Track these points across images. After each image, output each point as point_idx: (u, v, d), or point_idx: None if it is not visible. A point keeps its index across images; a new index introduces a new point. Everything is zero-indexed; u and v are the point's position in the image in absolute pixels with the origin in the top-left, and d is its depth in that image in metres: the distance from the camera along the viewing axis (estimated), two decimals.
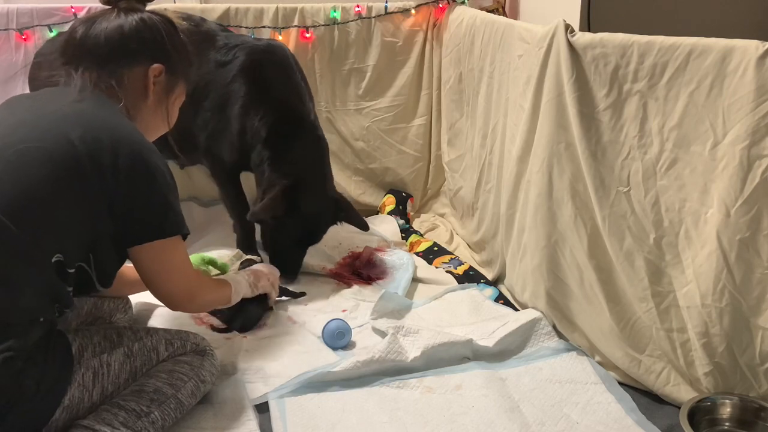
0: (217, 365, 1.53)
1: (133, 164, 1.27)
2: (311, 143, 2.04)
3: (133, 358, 1.37)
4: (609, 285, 1.60)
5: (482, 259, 2.27)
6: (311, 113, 2.08)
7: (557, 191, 1.67)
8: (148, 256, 1.36)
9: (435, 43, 2.62)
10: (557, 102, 1.61)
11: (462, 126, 2.46)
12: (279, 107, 2.01)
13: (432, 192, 2.80)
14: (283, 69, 2.08)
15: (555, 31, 1.58)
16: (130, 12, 1.38)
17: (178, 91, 1.49)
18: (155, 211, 1.32)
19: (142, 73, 1.39)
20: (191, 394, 1.42)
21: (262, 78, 2.03)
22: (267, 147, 1.99)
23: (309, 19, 2.54)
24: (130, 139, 1.29)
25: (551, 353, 1.71)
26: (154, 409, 1.33)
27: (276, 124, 1.99)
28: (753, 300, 1.35)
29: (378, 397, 1.55)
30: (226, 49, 2.06)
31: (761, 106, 1.26)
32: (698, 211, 1.40)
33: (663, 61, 1.40)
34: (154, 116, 1.45)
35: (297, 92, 2.07)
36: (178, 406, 1.38)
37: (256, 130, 1.99)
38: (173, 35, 1.44)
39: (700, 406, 1.42)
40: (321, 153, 2.06)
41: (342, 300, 2.01)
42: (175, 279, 1.42)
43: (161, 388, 1.36)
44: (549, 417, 1.48)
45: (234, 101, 2.02)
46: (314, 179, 2.02)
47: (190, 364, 1.44)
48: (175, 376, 1.40)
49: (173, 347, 1.44)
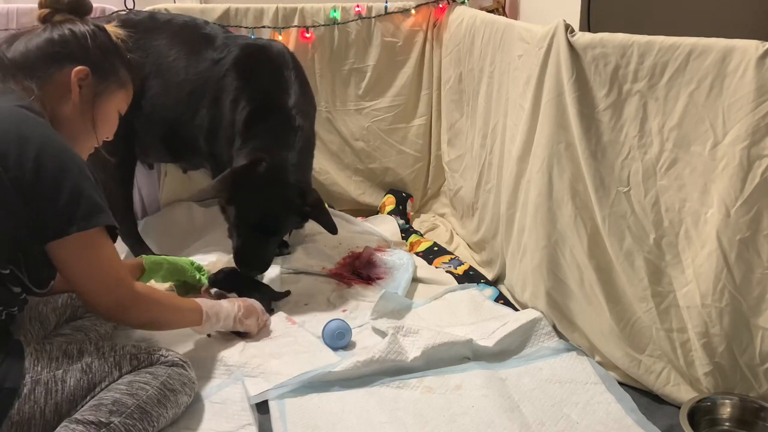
0: (191, 375, 1.45)
1: (40, 153, 1.21)
2: (283, 130, 1.94)
3: (92, 374, 1.31)
4: (609, 285, 1.60)
5: (482, 259, 2.27)
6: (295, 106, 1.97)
7: (557, 191, 1.67)
8: (66, 255, 1.27)
9: (435, 43, 2.63)
10: (557, 102, 1.61)
11: (462, 126, 2.46)
12: (259, 97, 1.97)
13: (432, 192, 2.80)
14: (275, 64, 2.04)
15: (555, 31, 1.58)
16: (61, 24, 1.40)
17: (112, 96, 1.45)
18: (66, 200, 1.23)
19: (65, 75, 1.37)
20: (158, 403, 1.34)
21: (251, 71, 2.01)
22: (240, 135, 1.94)
23: (309, 19, 2.54)
24: (38, 131, 1.25)
25: (551, 353, 1.71)
26: (114, 418, 1.26)
27: (252, 113, 1.94)
28: (753, 300, 1.35)
29: (378, 397, 1.55)
30: (224, 46, 2.06)
31: (761, 106, 1.26)
32: (698, 211, 1.40)
33: (663, 61, 1.40)
34: (81, 120, 1.41)
35: (283, 86, 2.00)
36: (144, 415, 1.30)
37: (236, 120, 1.96)
38: (104, 40, 1.43)
39: (700, 406, 1.42)
40: (291, 141, 1.94)
41: (342, 300, 2.01)
42: (100, 282, 1.32)
43: (120, 399, 1.29)
44: (549, 417, 1.48)
45: (226, 95, 2.00)
46: (274, 165, 1.87)
47: (153, 374, 1.37)
48: (134, 386, 1.33)
49: (138, 361, 1.38)
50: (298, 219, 1.96)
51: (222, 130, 2.02)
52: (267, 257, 1.97)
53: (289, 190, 1.89)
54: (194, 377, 1.47)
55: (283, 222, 1.95)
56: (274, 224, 1.92)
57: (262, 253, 1.95)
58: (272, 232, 1.93)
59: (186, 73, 2.05)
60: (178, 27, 2.12)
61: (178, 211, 2.56)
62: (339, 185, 2.72)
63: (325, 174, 2.69)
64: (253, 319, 1.75)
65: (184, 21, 2.16)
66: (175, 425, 1.41)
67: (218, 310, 1.64)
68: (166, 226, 2.49)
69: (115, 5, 2.42)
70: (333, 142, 2.70)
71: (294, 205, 1.90)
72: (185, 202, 2.60)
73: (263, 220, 1.89)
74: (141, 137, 2.16)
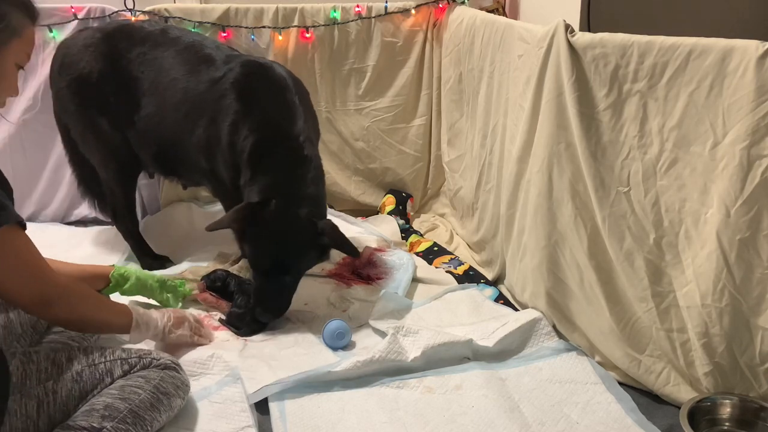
0: (184, 378, 1.44)
1: None
2: (293, 163, 1.86)
3: (83, 383, 1.29)
4: (609, 285, 1.60)
5: (482, 259, 2.27)
6: (301, 134, 1.89)
7: (557, 191, 1.67)
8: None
9: (435, 43, 2.63)
10: (557, 102, 1.61)
11: (462, 126, 2.46)
12: (263, 126, 1.88)
13: (432, 192, 2.80)
14: (277, 88, 1.96)
15: (555, 31, 1.58)
16: None
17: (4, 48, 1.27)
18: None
19: None
20: (151, 407, 1.32)
21: (251, 94, 1.92)
22: (249, 166, 1.87)
23: (309, 19, 2.54)
24: None
25: (551, 353, 1.71)
26: (106, 423, 1.23)
27: (258, 143, 1.86)
28: (753, 300, 1.35)
29: (378, 397, 1.55)
30: (223, 65, 1.99)
31: (761, 106, 1.26)
32: (698, 211, 1.40)
33: (663, 61, 1.40)
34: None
35: (288, 112, 1.92)
36: (137, 420, 1.28)
37: (240, 149, 1.88)
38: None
39: (700, 406, 1.42)
40: (301, 173, 1.86)
41: (342, 300, 2.01)
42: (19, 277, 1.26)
43: (112, 403, 1.27)
44: (549, 417, 1.48)
45: (224, 116, 1.92)
46: (285, 199, 1.80)
47: (145, 378, 1.35)
48: (127, 390, 1.31)
49: (129, 365, 1.36)
50: (316, 254, 1.86)
51: (219, 152, 1.96)
52: (284, 300, 1.85)
53: (300, 226, 1.80)
54: (187, 380, 1.46)
55: (299, 261, 1.84)
56: (289, 264, 1.82)
57: (279, 296, 1.84)
58: (288, 272, 1.83)
59: (184, 94, 1.99)
60: (184, 46, 2.06)
61: (177, 211, 2.57)
62: (339, 185, 2.72)
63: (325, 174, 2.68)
64: (185, 328, 1.66)
65: (192, 41, 2.08)
66: (175, 426, 1.42)
67: (148, 320, 1.56)
68: (166, 226, 2.50)
69: (115, 5, 2.43)
70: (333, 142, 2.70)
71: (306, 242, 1.81)
72: (185, 203, 2.60)
73: (277, 260, 1.80)
74: (137, 151, 2.14)
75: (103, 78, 2.06)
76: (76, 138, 2.21)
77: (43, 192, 2.62)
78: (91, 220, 2.62)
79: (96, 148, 2.17)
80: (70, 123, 2.19)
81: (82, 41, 2.11)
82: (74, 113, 2.14)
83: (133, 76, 2.05)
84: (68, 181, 2.57)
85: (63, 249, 2.25)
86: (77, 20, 2.41)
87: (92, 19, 2.42)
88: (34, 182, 2.61)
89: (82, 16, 2.42)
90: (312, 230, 1.79)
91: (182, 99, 1.99)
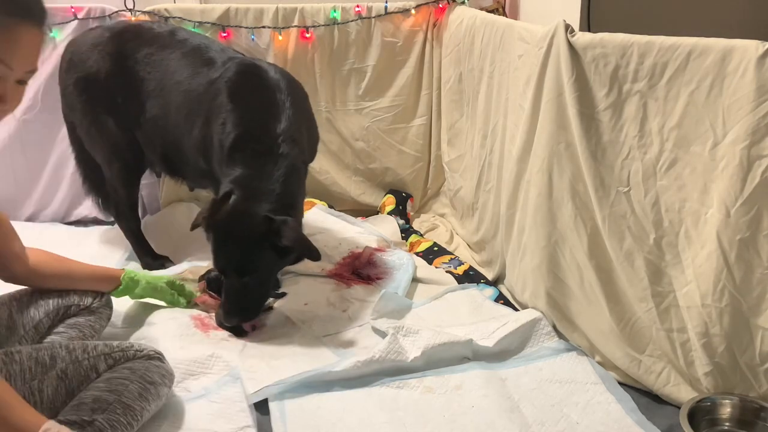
0: (168, 367, 1.44)
1: None
2: (261, 159, 1.78)
3: (69, 380, 1.30)
4: (609, 285, 1.60)
5: (482, 259, 2.27)
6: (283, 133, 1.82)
7: (557, 191, 1.67)
8: None
9: (435, 43, 2.62)
10: (557, 102, 1.61)
11: (462, 126, 2.46)
12: (245, 122, 1.84)
13: (432, 192, 2.80)
14: (268, 88, 1.91)
15: (555, 31, 1.58)
16: None
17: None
18: None
19: None
20: (139, 397, 1.33)
21: (242, 93, 1.90)
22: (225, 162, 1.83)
23: (309, 19, 2.54)
24: None
25: (551, 353, 1.71)
26: (97, 416, 1.24)
27: (236, 138, 1.81)
28: (753, 300, 1.35)
29: (378, 397, 1.55)
30: (221, 66, 1.98)
31: (761, 106, 1.26)
32: (698, 211, 1.40)
33: (663, 61, 1.40)
34: None
35: (272, 111, 1.86)
36: (127, 410, 1.29)
37: (222, 144, 1.85)
38: None
39: (700, 406, 1.42)
40: (268, 170, 1.76)
41: (342, 300, 2.01)
42: None
43: (100, 396, 1.28)
44: (549, 417, 1.48)
45: (216, 116, 1.89)
46: (244, 194, 1.73)
47: (131, 369, 1.36)
48: (114, 382, 1.32)
49: (113, 360, 1.37)
50: (275, 254, 1.72)
51: (213, 151, 1.93)
52: (247, 302, 1.76)
53: (252, 223, 1.68)
54: (171, 369, 1.47)
55: (253, 261, 1.71)
56: (244, 264, 1.71)
57: (241, 299, 1.74)
58: (246, 273, 1.72)
59: (185, 96, 1.99)
60: (190, 49, 2.05)
61: (178, 211, 2.56)
62: (339, 185, 2.72)
63: (325, 174, 2.69)
64: None
65: (198, 43, 2.07)
66: (174, 425, 1.42)
67: None
68: (166, 226, 2.50)
69: (115, 5, 2.43)
70: (333, 142, 2.70)
71: (256, 240, 1.68)
72: (185, 203, 2.60)
73: (231, 258, 1.71)
74: (145, 152, 2.15)
75: (110, 77, 2.06)
76: (82, 136, 2.22)
77: (43, 192, 2.61)
78: (91, 221, 2.62)
79: (100, 147, 2.18)
80: (76, 121, 2.20)
81: (90, 40, 2.11)
82: (80, 111, 2.14)
83: (139, 77, 2.05)
84: (68, 181, 2.57)
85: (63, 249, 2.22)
86: (77, 20, 2.42)
87: (92, 19, 2.42)
88: (34, 182, 2.60)
89: (82, 16, 2.42)
90: (264, 228, 1.67)
91: (183, 101, 2.00)
